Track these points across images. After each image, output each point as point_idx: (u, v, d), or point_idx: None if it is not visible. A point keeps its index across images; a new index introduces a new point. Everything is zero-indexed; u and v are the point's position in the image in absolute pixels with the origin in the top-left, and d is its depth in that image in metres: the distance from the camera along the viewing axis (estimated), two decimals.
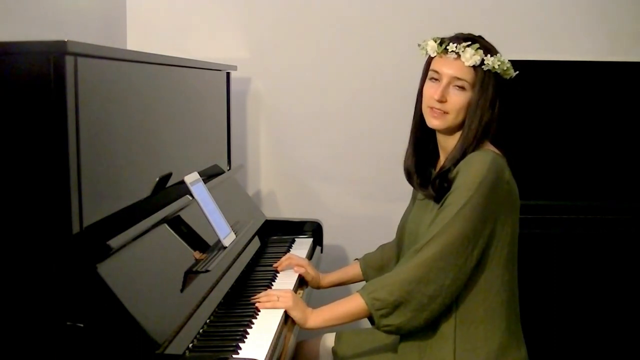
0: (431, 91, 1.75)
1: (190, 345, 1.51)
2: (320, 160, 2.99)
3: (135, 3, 2.91)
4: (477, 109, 1.71)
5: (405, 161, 1.88)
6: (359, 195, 3.00)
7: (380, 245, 2.13)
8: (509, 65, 1.74)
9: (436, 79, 1.75)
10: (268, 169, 3.03)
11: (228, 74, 2.61)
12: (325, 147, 2.98)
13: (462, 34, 1.78)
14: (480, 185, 1.64)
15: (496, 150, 1.75)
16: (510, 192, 1.71)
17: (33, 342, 1.30)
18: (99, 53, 1.47)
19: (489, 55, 1.71)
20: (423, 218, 1.79)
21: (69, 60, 1.30)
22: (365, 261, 2.11)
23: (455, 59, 1.72)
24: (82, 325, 1.28)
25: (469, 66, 1.71)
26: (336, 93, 2.95)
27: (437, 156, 1.85)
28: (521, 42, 2.84)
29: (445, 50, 1.73)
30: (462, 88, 1.72)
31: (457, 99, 1.72)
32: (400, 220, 1.97)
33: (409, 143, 1.88)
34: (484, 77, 1.71)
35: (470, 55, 1.70)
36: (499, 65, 1.71)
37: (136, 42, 2.89)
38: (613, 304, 2.67)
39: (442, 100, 1.72)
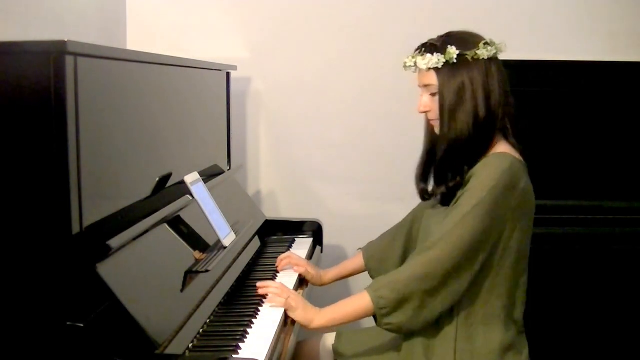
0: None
1: (190, 345, 1.51)
2: (320, 160, 2.99)
3: (135, 3, 2.91)
4: (446, 107, 1.71)
5: (416, 170, 1.89)
6: (359, 195, 3.00)
7: (382, 234, 2.11)
8: (466, 49, 1.70)
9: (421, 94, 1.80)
10: (268, 169, 3.03)
11: (228, 74, 2.60)
12: (326, 147, 2.98)
13: (426, 42, 1.77)
14: (492, 189, 1.64)
15: (517, 156, 1.73)
16: (523, 199, 1.69)
17: (33, 342, 1.30)
18: (99, 53, 1.47)
19: (429, 54, 1.71)
20: (435, 215, 1.80)
21: (69, 60, 1.30)
22: (368, 252, 2.10)
23: (417, 70, 1.76)
24: (82, 325, 1.27)
25: (429, 70, 1.73)
26: (336, 93, 2.95)
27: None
28: (521, 42, 2.84)
29: (408, 68, 1.78)
30: (435, 93, 1.74)
31: (435, 105, 1.75)
32: (415, 208, 1.98)
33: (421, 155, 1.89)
34: (447, 74, 1.71)
35: (422, 61, 1.73)
36: (446, 56, 1.69)
37: (136, 42, 2.89)
38: (614, 305, 2.67)
39: (425, 111, 1.78)
